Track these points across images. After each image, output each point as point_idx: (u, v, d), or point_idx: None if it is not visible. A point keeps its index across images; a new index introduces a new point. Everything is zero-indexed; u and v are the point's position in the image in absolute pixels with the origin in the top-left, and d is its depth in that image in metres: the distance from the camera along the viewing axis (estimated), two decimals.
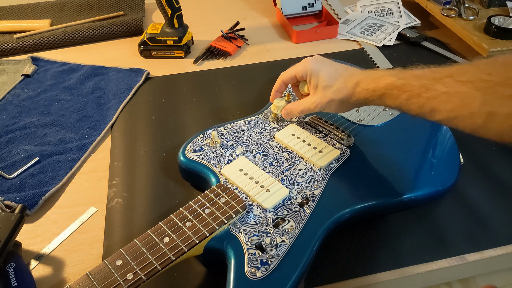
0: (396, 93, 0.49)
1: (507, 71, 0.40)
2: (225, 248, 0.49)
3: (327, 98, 0.56)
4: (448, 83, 0.44)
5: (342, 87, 0.55)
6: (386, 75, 0.51)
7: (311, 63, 0.59)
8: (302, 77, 0.61)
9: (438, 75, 0.45)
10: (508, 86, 0.39)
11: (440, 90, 0.44)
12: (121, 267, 0.44)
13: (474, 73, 0.42)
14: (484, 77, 0.41)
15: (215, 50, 0.94)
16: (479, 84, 0.41)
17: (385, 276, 0.52)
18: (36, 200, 0.62)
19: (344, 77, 0.55)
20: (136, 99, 0.82)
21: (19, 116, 0.78)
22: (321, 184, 0.57)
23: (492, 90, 0.40)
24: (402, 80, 0.48)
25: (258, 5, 1.14)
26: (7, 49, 0.95)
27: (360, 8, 1.09)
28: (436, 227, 0.57)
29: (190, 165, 0.60)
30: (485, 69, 0.42)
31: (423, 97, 0.46)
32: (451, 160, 0.61)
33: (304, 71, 0.60)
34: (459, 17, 0.94)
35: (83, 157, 0.70)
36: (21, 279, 0.48)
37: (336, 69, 0.57)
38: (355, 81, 0.54)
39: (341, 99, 0.55)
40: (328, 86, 0.56)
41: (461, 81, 0.43)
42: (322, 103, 0.57)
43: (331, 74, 0.57)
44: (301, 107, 0.61)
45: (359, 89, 0.53)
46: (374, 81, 0.52)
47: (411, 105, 0.47)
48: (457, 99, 0.42)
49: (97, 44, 1.00)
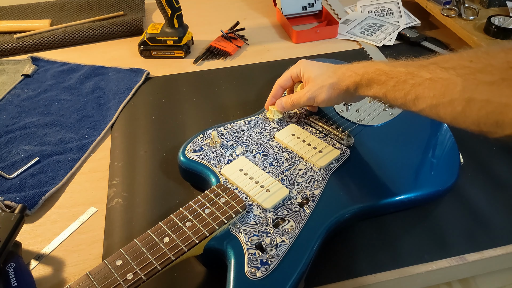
0: (384, 78, 0.50)
1: (488, 59, 0.40)
2: (225, 248, 0.49)
3: (317, 86, 0.59)
4: (432, 69, 0.45)
5: (332, 74, 0.58)
6: (376, 63, 0.53)
7: (303, 62, 0.64)
8: (297, 76, 0.64)
9: (425, 63, 0.47)
10: (488, 72, 0.39)
11: (425, 77, 0.45)
12: (121, 267, 0.44)
13: (457, 60, 0.43)
14: (466, 63, 0.41)
15: (215, 50, 0.94)
16: (461, 71, 0.41)
17: (385, 276, 0.52)
18: (36, 200, 0.62)
19: (335, 67, 0.59)
20: (136, 99, 0.82)
21: (19, 116, 0.78)
22: (321, 184, 0.57)
23: (472, 76, 0.40)
24: (391, 67, 0.50)
25: (258, 5, 1.14)
26: (7, 49, 0.95)
27: (360, 8, 1.09)
28: (436, 227, 0.57)
29: (190, 165, 0.60)
30: (467, 56, 0.42)
31: (409, 83, 0.46)
32: (451, 160, 0.61)
33: (298, 69, 0.64)
34: (459, 17, 0.94)
35: (83, 157, 0.70)
36: (21, 279, 0.48)
37: (327, 65, 0.61)
38: (346, 67, 0.57)
39: (331, 84, 0.57)
40: (319, 75, 0.59)
41: (444, 67, 0.43)
42: (312, 90, 0.60)
43: (322, 66, 0.61)
44: (293, 97, 0.63)
45: (349, 72, 0.55)
46: (365, 67, 0.54)
47: (397, 92, 0.48)
48: (440, 86, 0.43)
49: (97, 44, 1.00)
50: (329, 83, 0.57)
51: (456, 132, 0.66)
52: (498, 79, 0.38)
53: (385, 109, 0.70)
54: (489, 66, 0.39)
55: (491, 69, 0.39)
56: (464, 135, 0.69)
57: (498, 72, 0.39)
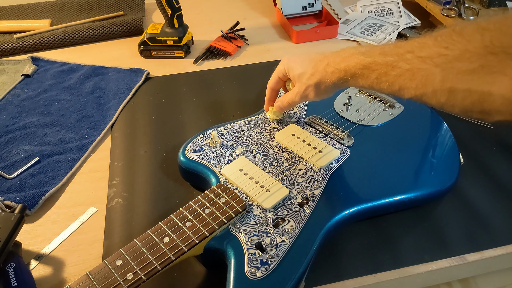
0: (366, 72, 0.49)
1: (464, 43, 0.38)
2: (225, 248, 0.49)
3: (304, 86, 0.58)
4: (409, 59, 0.43)
5: (314, 71, 0.56)
6: (355, 54, 0.51)
7: (285, 59, 0.62)
8: (284, 75, 0.63)
9: (401, 51, 0.45)
10: (465, 60, 0.38)
11: (404, 68, 0.44)
12: (121, 267, 0.44)
13: (433, 46, 0.41)
14: (442, 51, 0.40)
15: (215, 50, 0.94)
16: (438, 60, 0.40)
17: (385, 276, 0.52)
18: (36, 200, 0.62)
19: (314, 62, 0.57)
20: (136, 99, 0.82)
21: (19, 116, 0.78)
22: (321, 184, 0.57)
23: (450, 65, 0.39)
24: (370, 59, 0.48)
25: (258, 5, 1.14)
26: (7, 49, 0.95)
27: (360, 8, 1.09)
28: (436, 227, 0.57)
29: (190, 165, 0.60)
30: (442, 41, 0.40)
31: (391, 75, 0.45)
32: (451, 160, 0.61)
33: (282, 68, 0.63)
34: (459, 17, 0.94)
35: (83, 157, 0.70)
36: (21, 279, 0.48)
37: (308, 57, 0.59)
38: (326, 63, 0.55)
39: (316, 83, 0.56)
40: (303, 74, 0.58)
41: (421, 57, 0.42)
42: (301, 91, 0.59)
43: (304, 62, 0.58)
44: (287, 98, 0.63)
45: (331, 69, 0.54)
46: (345, 60, 0.52)
47: (382, 83, 0.47)
48: (420, 77, 0.42)
49: (97, 44, 1.00)
50: (314, 83, 0.56)
51: (456, 132, 0.66)
52: (477, 67, 0.37)
53: (385, 109, 0.70)
54: (467, 53, 0.38)
55: (469, 56, 0.38)
56: (464, 135, 0.70)
57: (476, 58, 0.37)
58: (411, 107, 0.70)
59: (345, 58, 0.52)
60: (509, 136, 0.70)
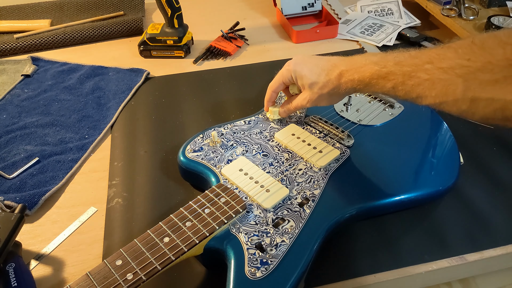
0: (382, 82, 0.49)
1: (486, 56, 0.40)
2: (225, 248, 0.49)
3: (316, 95, 0.58)
4: (429, 69, 0.44)
5: (326, 81, 0.56)
6: (368, 64, 0.51)
7: (292, 65, 0.61)
8: (290, 81, 0.62)
9: (418, 61, 0.46)
10: (488, 71, 0.39)
11: (423, 78, 0.44)
12: (121, 267, 0.44)
13: (454, 58, 0.42)
14: (464, 63, 0.41)
15: (215, 50, 0.94)
16: (460, 70, 0.41)
17: (385, 276, 0.52)
18: (36, 200, 0.62)
19: (326, 71, 0.56)
20: (136, 99, 0.82)
21: (19, 116, 0.78)
22: (321, 184, 0.57)
23: (473, 76, 0.40)
24: (385, 69, 0.49)
25: (258, 5, 1.14)
26: (7, 49, 0.95)
27: (360, 8, 1.09)
28: (436, 227, 0.57)
29: (190, 165, 0.60)
30: (464, 54, 0.42)
31: (408, 84, 0.46)
32: (451, 160, 0.61)
33: (289, 74, 0.62)
34: (459, 17, 0.94)
35: (83, 157, 0.70)
36: (21, 279, 0.48)
37: (317, 64, 0.58)
38: (338, 72, 0.54)
39: (329, 92, 0.56)
40: (314, 83, 0.57)
41: (442, 67, 0.43)
42: (313, 99, 0.59)
43: (313, 70, 0.58)
44: (294, 104, 0.63)
45: (344, 79, 0.54)
46: (358, 72, 0.52)
47: (398, 92, 0.48)
48: (441, 86, 0.43)
49: (97, 44, 1.00)
50: (327, 92, 0.56)
51: (456, 132, 0.66)
52: (500, 77, 0.38)
53: (385, 109, 0.70)
54: (489, 65, 0.39)
55: (491, 68, 0.39)
56: (464, 135, 0.70)
57: (499, 69, 0.39)
58: (411, 107, 0.70)
59: (358, 69, 0.52)
60: (509, 136, 0.70)
